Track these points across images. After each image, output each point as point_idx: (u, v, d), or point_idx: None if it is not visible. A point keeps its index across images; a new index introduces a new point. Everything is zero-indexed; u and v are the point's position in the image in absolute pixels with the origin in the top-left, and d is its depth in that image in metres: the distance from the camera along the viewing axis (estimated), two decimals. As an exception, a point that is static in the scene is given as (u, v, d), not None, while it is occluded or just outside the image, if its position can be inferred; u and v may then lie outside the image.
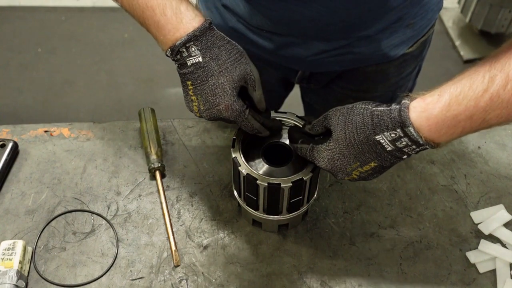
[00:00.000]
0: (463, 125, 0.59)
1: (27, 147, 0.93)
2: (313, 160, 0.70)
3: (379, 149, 0.63)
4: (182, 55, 0.68)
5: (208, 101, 0.69)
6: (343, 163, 0.66)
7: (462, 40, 2.55)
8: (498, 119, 0.59)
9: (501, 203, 0.87)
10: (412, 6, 0.86)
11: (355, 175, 0.68)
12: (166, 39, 0.68)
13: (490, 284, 0.78)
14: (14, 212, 0.84)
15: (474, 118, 0.59)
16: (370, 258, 0.80)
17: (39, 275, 0.77)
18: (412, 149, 0.63)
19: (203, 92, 0.69)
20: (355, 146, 0.65)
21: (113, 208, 0.85)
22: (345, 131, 0.65)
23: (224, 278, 0.78)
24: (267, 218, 0.78)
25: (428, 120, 0.60)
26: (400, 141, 0.62)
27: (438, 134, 0.60)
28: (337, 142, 0.66)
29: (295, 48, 0.90)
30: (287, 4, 0.80)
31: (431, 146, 0.62)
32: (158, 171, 0.87)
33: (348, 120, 0.65)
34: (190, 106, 0.72)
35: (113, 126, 0.97)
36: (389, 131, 0.62)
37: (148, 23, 0.69)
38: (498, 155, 0.95)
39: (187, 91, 0.71)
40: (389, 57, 0.93)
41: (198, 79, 0.69)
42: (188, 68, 0.69)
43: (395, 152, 0.63)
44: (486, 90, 0.58)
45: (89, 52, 2.51)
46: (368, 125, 0.63)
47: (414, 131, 0.60)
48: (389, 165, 0.66)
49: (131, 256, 0.80)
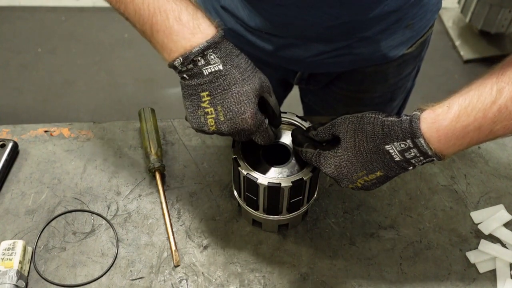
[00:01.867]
0: (471, 136, 0.61)
1: (27, 147, 0.93)
2: (318, 166, 0.69)
3: (387, 159, 0.64)
4: (197, 64, 0.64)
5: (231, 110, 0.65)
6: (349, 171, 0.66)
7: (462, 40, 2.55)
8: (504, 130, 0.60)
9: (501, 203, 0.87)
10: (411, 7, 0.86)
11: (359, 183, 0.68)
12: (177, 46, 0.64)
13: (490, 284, 0.78)
14: (14, 212, 0.84)
15: (482, 129, 0.60)
16: (370, 258, 0.80)
17: (39, 275, 0.77)
18: (419, 161, 0.63)
19: (225, 102, 0.65)
20: (364, 154, 0.65)
21: (113, 208, 0.85)
22: (354, 139, 0.66)
23: (224, 278, 0.78)
24: (267, 218, 0.78)
25: (438, 131, 0.61)
26: (409, 152, 0.62)
27: (446, 145, 0.61)
28: (346, 149, 0.66)
29: (294, 49, 0.90)
30: (289, 10, 0.80)
31: (438, 158, 0.62)
32: (158, 171, 0.87)
33: (358, 129, 0.66)
34: (202, 121, 0.67)
35: (113, 126, 0.97)
36: (399, 141, 0.62)
37: (156, 28, 0.65)
38: (498, 155, 0.95)
39: (198, 104, 0.66)
40: (388, 58, 0.93)
41: (218, 88, 0.65)
42: (205, 78, 0.65)
43: (402, 163, 0.64)
44: (494, 102, 0.59)
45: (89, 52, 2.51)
46: (378, 135, 0.64)
47: (424, 142, 0.61)
48: (394, 175, 0.67)
49: (131, 256, 0.80)
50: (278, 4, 0.80)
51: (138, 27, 0.67)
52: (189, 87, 0.66)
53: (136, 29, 0.69)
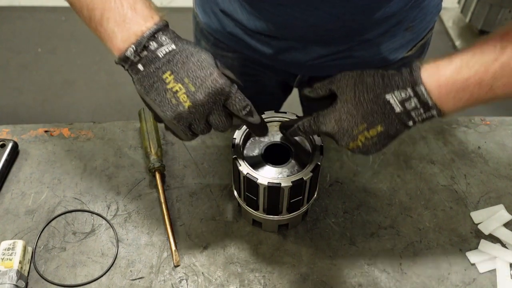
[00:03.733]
0: (471, 91, 0.61)
1: (27, 147, 0.93)
2: (318, 127, 0.68)
3: (387, 109, 0.63)
4: (151, 49, 0.63)
5: (199, 76, 0.63)
6: (350, 124, 0.65)
7: (462, 40, 2.55)
8: (504, 88, 0.60)
9: (501, 203, 0.87)
10: (411, 9, 0.86)
11: (360, 141, 0.66)
12: (129, 34, 0.62)
13: (490, 284, 0.78)
14: (14, 212, 0.84)
15: (482, 84, 0.60)
16: (370, 258, 0.80)
17: (39, 275, 0.77)
18: (419, 114, 0.63)
19: (189, 72, 0.63)
20: (364, 105, 0.64)
21: (113, 208, 0.85)
22: (355, 90, 0.65)
23: (224, 278, 0.78)
24: (267, 218, 0.78)
25: (439, 81, 0.61)
26: (410, 101, 0.62)
27: (446, 98, 0.61)
28: (346, 102, 0.65)
29: (294, 52, 0.90)
30: (291, 10, 0.80)
31: (438, 112, 0.62)
32: (158, 171, 0.87)
33: (359, 81, 0.65)
34: (174, 102, 0.64)
35: (113, 126, 0.97)
36: (400, 89, 0.62)
37: (107, 16, 0.63)
38: (498, 155, 0.95)
39: (164, 89, 0.64)
40: (388, 61, 0.93)
41: (178, 63, 0.64)
42: (162, 60, 0.63)
43: (402, 116, 0.63)
44: (497, 59, 0.59)
45: (89, 52, 2.51)
46: (379, 84, 0.64)
47: (424, 90, 0.61)
48: (394, 132, 0.66)
49: (131, 256, 0.80)
50: (279, 3, 0.80)
51: (85, 13, 0.65)
52: (148, 76, 0.64)
53: (79, 15, 0.67)
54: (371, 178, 0.90)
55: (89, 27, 0.66)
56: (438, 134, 0.98)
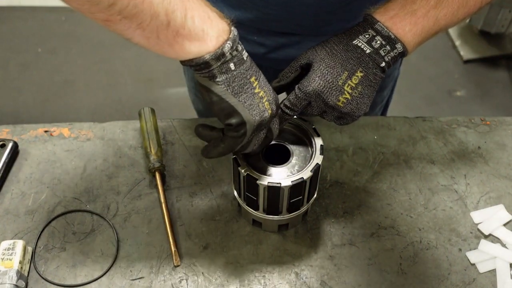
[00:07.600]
0: (422, 23, 0.68)
1: (27, 147, 0.93)
2: (304, 91, 0.69)
3: (359, 53, 0.69)
4: (238, 48, 0.60)
5: (270, 87, 0.67)
6: (333, 75, 0.68)
7: (462, 40, 2.55)
8: (446, 19, 0.69)
9: (501, 203, 0.87)
10: None
11: (347, 93, 0.69)
12: (219, 30, 0.58)
13: (490, 284, 0.78)
14: (14, 212, 0.84)
15: (428, 15, 0.68)
16: (370, 258, 0.80)
17: (39, 275, 0.77)
18: (387, 52, 0.68)
19: (264, 81, 0.65)
20: (338, 55, 0.69)
21: (113, 208, 0.85)
22: (325, 49, 0.70)
23: (224, 278, 0.78)
24: (267, 218, 0.78)
25: (392, 18, 0.68)
26: (375, 40, 0.68)
27: (403, 31, 0.68)
28: (322, 60, 0.69)
29: (287, 49, 0.90)
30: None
31: (403, 46, 0.68)
32: (158, 171, 0.87)
33: (325, 43, 0.71)
34: (261, 108, 0.63)
35: (113, 126, 0.97)
36: (362, 33, 0.69)
37: (191, 14, 0.57)
38: (498, 155, 0.95)
39: (252, 93, 0.62)
40: None
41: (257, 69, 0.64)
42: (247, 62, 0.62)
43: (374, 55, 0.68)
44: None
45: (89, 52, 2.51)
46: (344, 36, 0.70)
47: (383, 25, 0.68)
48: (373, 77, 0.70)
49: (131, 256, 0.80)
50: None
51: (161, 19, 0.55)
52: (239, 76, 0.61)
53: (154, 22, 0.55)
54: (371, 178, 0.90)
55: (159, 36, 0.56)
56: (438, 134, 0.98)
